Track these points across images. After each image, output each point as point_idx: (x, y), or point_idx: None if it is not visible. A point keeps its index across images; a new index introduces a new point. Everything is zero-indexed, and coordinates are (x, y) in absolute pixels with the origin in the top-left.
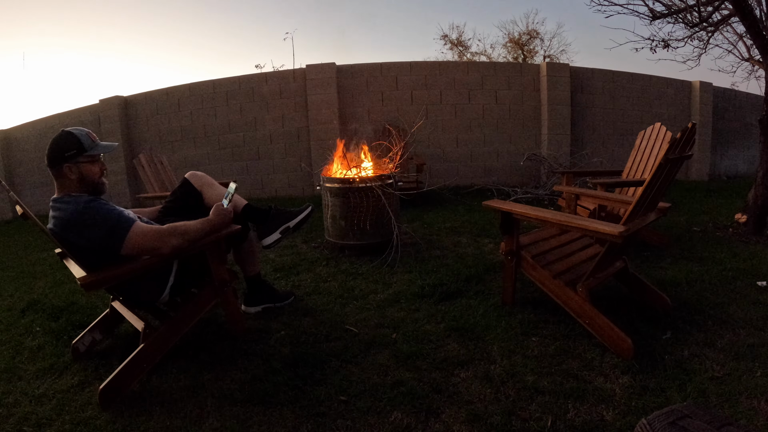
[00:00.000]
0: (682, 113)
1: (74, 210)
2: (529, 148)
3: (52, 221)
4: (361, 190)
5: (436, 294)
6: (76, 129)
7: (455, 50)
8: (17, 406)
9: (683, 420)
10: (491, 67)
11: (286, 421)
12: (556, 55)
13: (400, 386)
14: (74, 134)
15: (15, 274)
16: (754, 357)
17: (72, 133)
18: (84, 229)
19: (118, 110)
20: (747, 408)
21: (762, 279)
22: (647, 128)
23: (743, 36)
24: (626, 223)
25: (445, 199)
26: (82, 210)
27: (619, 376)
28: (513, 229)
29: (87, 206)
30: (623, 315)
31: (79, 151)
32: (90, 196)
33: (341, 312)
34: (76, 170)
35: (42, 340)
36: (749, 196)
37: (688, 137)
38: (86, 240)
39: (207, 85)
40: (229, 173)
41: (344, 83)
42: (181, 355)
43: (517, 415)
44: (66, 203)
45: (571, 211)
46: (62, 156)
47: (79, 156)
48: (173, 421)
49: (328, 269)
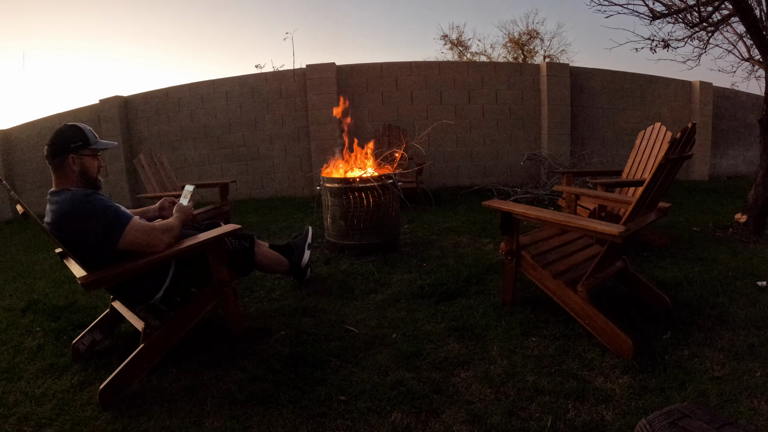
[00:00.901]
0: (682, 113)
1: (73, 201)
2: (529, 148)
3: (49, 215)
4: (361, 190)
5: (436, 294)
6: (80, 123)
7: (455, 50)
8: (17, 406)
9: (683, 420)
10: (491, 67)
11: (286, 421)
12: (556, 55)
13: (400, 386)
14: (79, 127)
15: (15, 274)
16: (754, 357)
17: (77, 126)
18: (83, 219)
19: (118, 110)
20: (747, 408)
21: (762, 279)
22: (647, 128)
23: (743, 36)
24: (626, 223)
25: (444, 199)
26: (82, 201)
27: (619, 376)
28: (513, 229)
29: (87, 198)
30: (623, 315)
31: (84, 144)
32: (86, 189)
33: (341, 312)
34: (79, 162)
35: (42, 340)
36: (749, 196)
37: (688, 137)
38: (84, 232)
39: (207, 85)
40: (229, 173)
41: (344, 83)
42: (181, 355)
43: (517, 415)
44: (64, 195)
45: (571, 211)
46: (68, 147)
47: (84, 148)
48: (173, 421)
49: (328, 269)
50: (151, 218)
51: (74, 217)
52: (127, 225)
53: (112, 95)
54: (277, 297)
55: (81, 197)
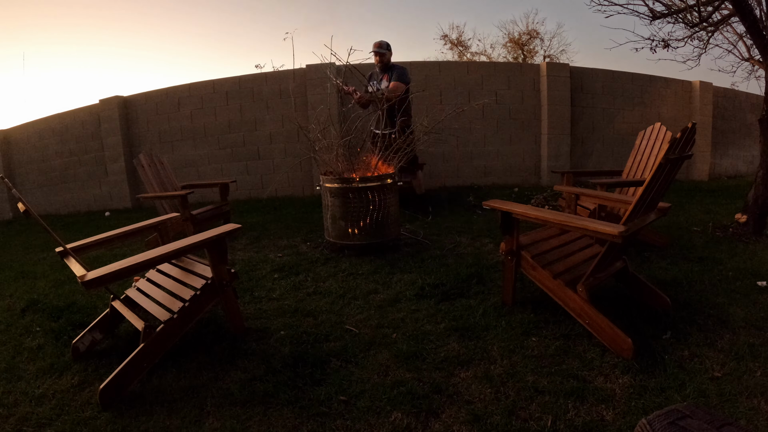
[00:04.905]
0: (682, 113)
1: None
2: (529, 148)
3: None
4: (361, 191)
5: (436, 294)
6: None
7: (455, 50)
8: (17, 406)
9: (683, 420)
10: (491, 67)
11: (286, 421)
12: (556, 55)
13: (400, 386)
14: None
15: (15, 274)
16: (754, 357)
17: None
18: None
19: (117, 110)
20: (747, 408)
21: (762, 279)
22: (647, 128)
23: (743, 36)
24: (626, 223)
25: (444, 199)
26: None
27: (619, 376)
28: (513, 229)
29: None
30: (623, 315)
31: None
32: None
33: (341, 312)
34: None
35: (42, 340)
36: (749, 196)
37: (688, 137)
38: None
39: (207, 85)
40: (228, 173)
41: (345, 83)
42: (181, 355)
43: (517, 415)
44: None
45: (571, 211)
46: None
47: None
48: (173, 421)
49: (328, 269)
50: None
51: None
52: None
53: (112, 95)
54: (277, 297)
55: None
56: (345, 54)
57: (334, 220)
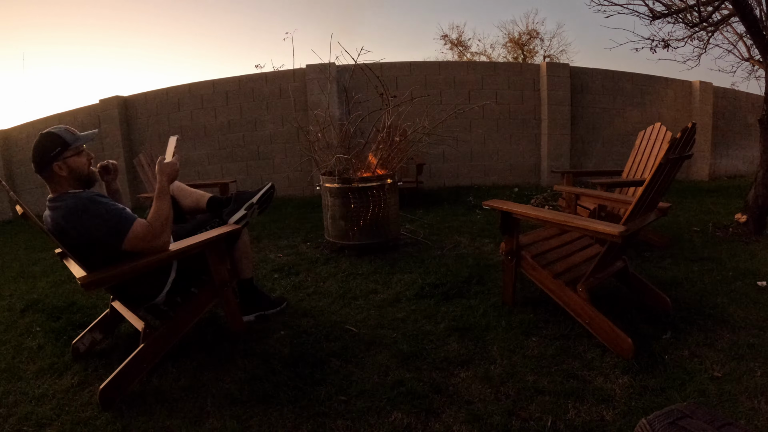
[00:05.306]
0: (682, 113)
1: (76, 205)
2: (529, 148)
3: (50, 219)
4: (361, 191)
5: (436, 294)
6: (54, 127)
7: (455, 50)
8: (17, 406)
9: (683, 420)
10: (491, 67)
11: (286, 421)
12: (556, 55)
13: (400, 386)
14: (53, 132)
15: (15, 274)
16: (754, 357)
17: (51, 132)
18: (87, 221)
19: (117, 110)
20: (747, 408)
21: (762, 279)
22: (647, 128)
23: (743, 36)
24: (626, 223)
25: (444, 199)
26: (85, 204)
27: (619, 376)
28: (513, 229)
29: (89, 201)
30: (623, 315)
31: (63, 147)
32: (87, 190)
33: (341, 312)
34: (65, 167)
35: (42, 340)
36: (749, 196)
37: (688, 137)
38: (87, 235)
39: (207, 85)
40: (229, 173)
41: (345, 83)
42: (181, 355)
43: (517, 415)
44: (65, 201)
45: (571, 211)
46: (48, 157)
47: (65, 151)
48: (173, 421)
49: (328, 269)
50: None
51: (78, 218)
52: (132, 227)
53: (112, 95)
54: (276, 297)
55: (84, 201)
56: (354, 54)
57: (334, 220)
